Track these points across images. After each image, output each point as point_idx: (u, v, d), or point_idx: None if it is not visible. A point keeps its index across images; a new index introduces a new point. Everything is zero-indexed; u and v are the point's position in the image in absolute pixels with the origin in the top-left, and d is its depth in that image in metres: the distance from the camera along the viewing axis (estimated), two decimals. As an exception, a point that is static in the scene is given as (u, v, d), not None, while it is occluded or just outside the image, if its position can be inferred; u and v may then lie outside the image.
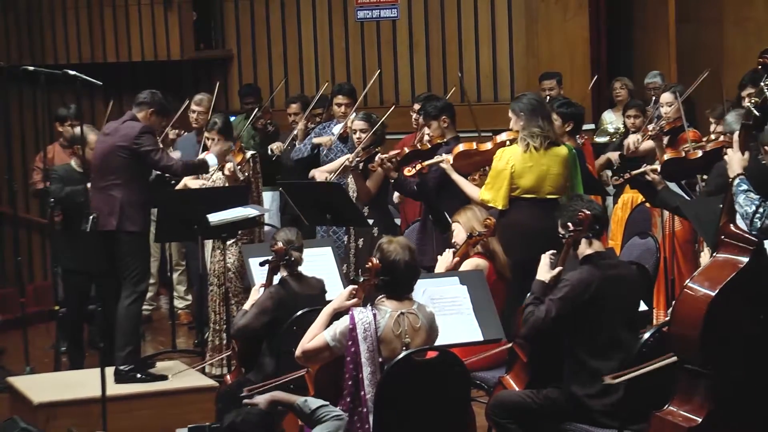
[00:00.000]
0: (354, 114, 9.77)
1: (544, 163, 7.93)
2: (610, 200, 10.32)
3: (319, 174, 9.56)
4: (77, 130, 9.41)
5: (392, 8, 12.98)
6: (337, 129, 9.90)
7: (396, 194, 9.75)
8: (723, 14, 12.64)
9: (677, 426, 5.55)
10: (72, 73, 8.11)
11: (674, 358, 5.69)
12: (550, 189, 7.96)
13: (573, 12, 12.51)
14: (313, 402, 5.87)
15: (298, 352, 5.90)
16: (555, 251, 6.36)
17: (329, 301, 6.16)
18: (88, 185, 8.29)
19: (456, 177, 8.45)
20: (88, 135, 8.79)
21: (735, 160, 5.77)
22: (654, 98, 10.92)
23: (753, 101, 5.84)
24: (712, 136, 8.59)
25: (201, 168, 8.89)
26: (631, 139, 9.50)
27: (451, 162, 8.48)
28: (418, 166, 8.69)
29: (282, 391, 6.22)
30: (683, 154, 8.40)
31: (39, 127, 12.36)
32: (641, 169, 8.30)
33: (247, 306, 7.22)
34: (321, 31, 13.16)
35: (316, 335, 5.86)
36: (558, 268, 6.28)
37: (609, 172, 9.98)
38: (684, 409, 5.59)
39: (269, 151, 10.84)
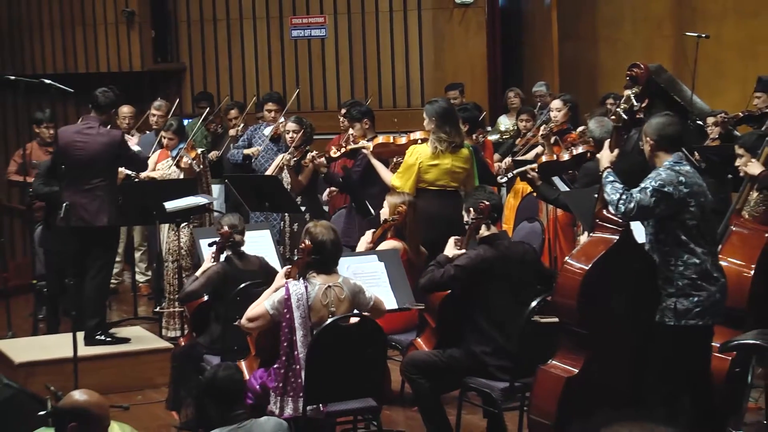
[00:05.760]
0: (283, 119, 9.76)
1: (448, 162, 7.89)
2: (503, 189, 10.35)
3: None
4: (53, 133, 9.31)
5: (321, 29, 13.00)
6: (267, 131, 9.90)
7: (326, 193, 9.75)
8: (596, 35, 12.76)
9: (558, 376, 5.63)
10: (48, 81, 8.03)
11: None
12: (452, 183, 7.94)
13: (473, 32, 12.61)
14: None
15: (242, 320, 5.87)
16: (459, 237, 6.39)
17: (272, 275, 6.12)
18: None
19: (375, 162, 8.49)
20: None
21: (605, 156, 5.83)
22: (540, 104, 11.01)
23: (622, 107, 5.90)
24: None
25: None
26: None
27: (371, 149, 8.52)
28: (343, 150, 8.81)
29: None
30: (554, 157, 8.47)
31: (19, 128, 12.20)
32: (522, 168, 8.32)
33: (198, 273, 7.15)
34: (261, 47, 13.13)
35: (259, 305, 5.84)
36: (462, 251, 6.30)
37: (504, 164, 9.98)
38: (564, 362, 5.66)
39: (209, 156, 10.66)
